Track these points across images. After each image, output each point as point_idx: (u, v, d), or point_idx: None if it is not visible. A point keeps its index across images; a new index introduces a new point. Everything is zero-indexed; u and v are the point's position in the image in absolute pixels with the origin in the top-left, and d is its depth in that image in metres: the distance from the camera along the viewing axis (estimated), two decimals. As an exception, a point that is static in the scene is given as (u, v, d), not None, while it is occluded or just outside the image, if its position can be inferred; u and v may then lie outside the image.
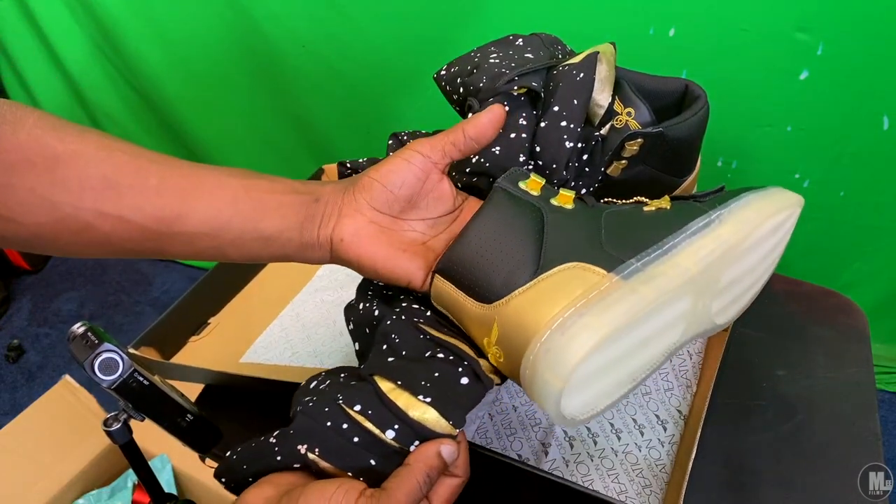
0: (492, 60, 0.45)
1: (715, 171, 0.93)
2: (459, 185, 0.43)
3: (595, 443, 0.48)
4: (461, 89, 0.46)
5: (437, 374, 0.34)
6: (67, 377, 0.95)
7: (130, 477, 0.90)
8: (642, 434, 0.49)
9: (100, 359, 0.38)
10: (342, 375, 0.37)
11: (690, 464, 0.40)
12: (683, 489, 0.39)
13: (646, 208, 0.38)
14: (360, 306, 0.41)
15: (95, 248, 0.34)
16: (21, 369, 1.43)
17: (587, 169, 0.44)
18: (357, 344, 0.41)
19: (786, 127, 0.86)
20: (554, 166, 0.41)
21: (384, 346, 0.37)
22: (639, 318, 0.31)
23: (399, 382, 0.33)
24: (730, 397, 0.50)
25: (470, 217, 0.37)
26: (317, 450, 0.32)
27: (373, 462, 0.32)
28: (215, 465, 0.52)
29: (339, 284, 0.67)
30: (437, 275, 0.36)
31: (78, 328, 0.40)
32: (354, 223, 0.37)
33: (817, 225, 0.96)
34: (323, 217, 0.37)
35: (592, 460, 0.47)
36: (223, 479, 0.36)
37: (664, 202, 0.38)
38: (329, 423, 0.33)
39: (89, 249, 0.34)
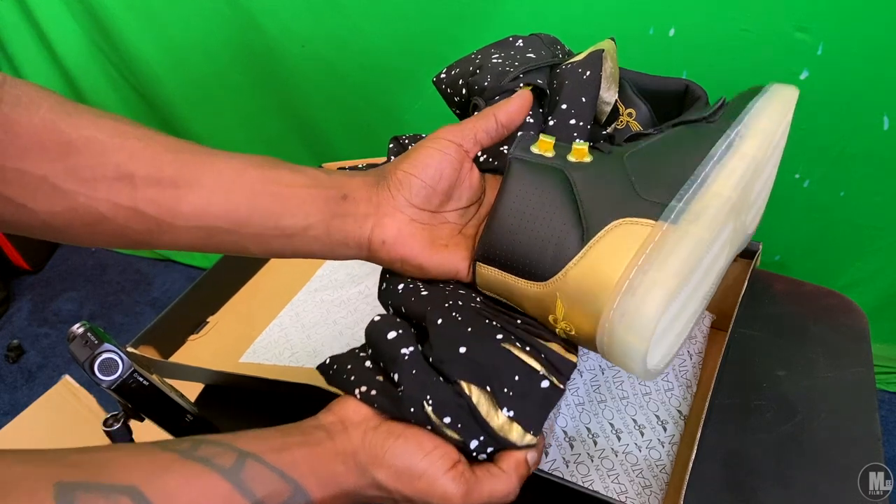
0: (494, 60, 0.45)
1: (715, 171, 0.93)
2: None
3: (595, 443, 0.48)
4: (464, 90, 0.46)
5: (517, 378, 0.33)
6: (67, 377, 0.95)
7: (130, 477, 0.90)
8: (642, 434, 0.49)
9: (100, 359, 0.38)
10: (408, 353, 0.34)
11: (690, 464, 0.40)
12: (683, 489, 0.39)
13: (661, 135, 0.38)
14: (400, 287, 0.38)
15: (109, 239, 0.33)
16: (21, 369, 1.43)
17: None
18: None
19: (786, 127, 0.86)
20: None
21: (445, 327, 0.34)
22: (698, 257, 0.31)
23: (487, 388, 0.33)
24: (730, 397, 0.50)
25: (493, 196, 0.36)
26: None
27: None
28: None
29: (339, 284, 0.66)
30: (479, 262, 0.36)
31: (78, 328, 0.40)
32: (395, 224, 0.35)
33: (817, 225, 0.96)
34: (356, 217, 0.35)
35: (592, 461, 0.47)
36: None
37: (668, 128, 0.39)
38: (413, 420, 0.33)
39: (103, 240, 0.33)
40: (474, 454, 0.33)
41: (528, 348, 0.34)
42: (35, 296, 1.61)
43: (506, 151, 0.41)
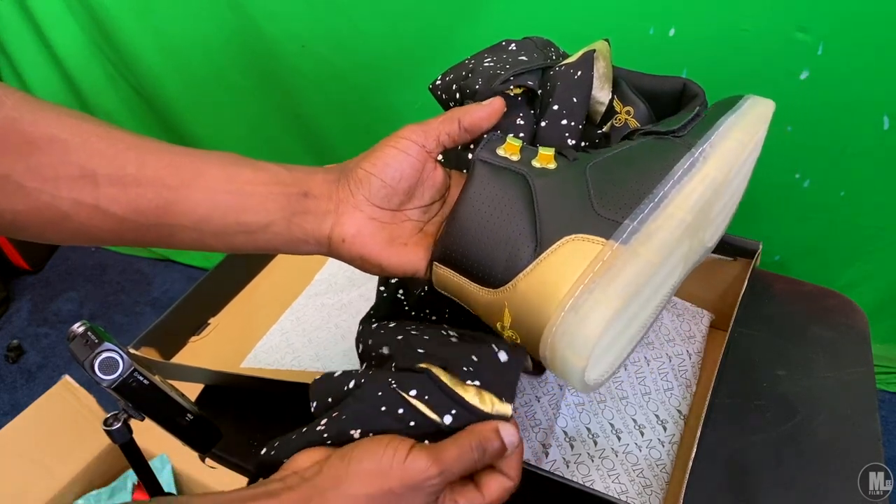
0: (486, 64, 0.45)
1: (715, 171, 0.93)
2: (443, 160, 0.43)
3: (595, 443, 0.48)
4: (457, 94, 0.46)
5: (474, 358, 0.34)
6: (67, 377, 0.95)
7: (130, 477, 0.90)
8: (642, 434, 0.49)
9: (100, 358, 0.38)
10: (370, 370, 0.37)
11: (690, 464, 0.40)
12: (683, 489, 0.39)
13: (624, 147, 0.38)
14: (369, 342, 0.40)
15: (73, 236, 0.33)
16: (21, 369, 1.43)
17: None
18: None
19: (786, 127, 0.86)
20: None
21: (407, 345, 0.36)
22: (645, 279, 0.32)
23: (446, 368, 0.33)
24: (730, 397, 0.50)
25: (457, 193, 0.36)
26: (371, 434, 0.32)
27: (427, 443, 0.32)
28: (215, 465, 0.52)
29: (339, 288, 0.66)
30: (435, 263, 0.36)
31: (78, 328, 0.40)
32: (354, 222, 0.36)
33: (817, 225, 0.96)
34: (316, 214, 0.35)
35: (593, 461, 0.47)
36: (262, 477, 0.34)
37: (639, 137, 0.38)
38: (384, 408, 0.33)
39: (68, 238, 0.33)
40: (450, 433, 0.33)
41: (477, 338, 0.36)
42: (35, 296, 1.61)
43: (471, 150, 0.41)
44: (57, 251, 1.73)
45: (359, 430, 0.32)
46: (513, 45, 0.49)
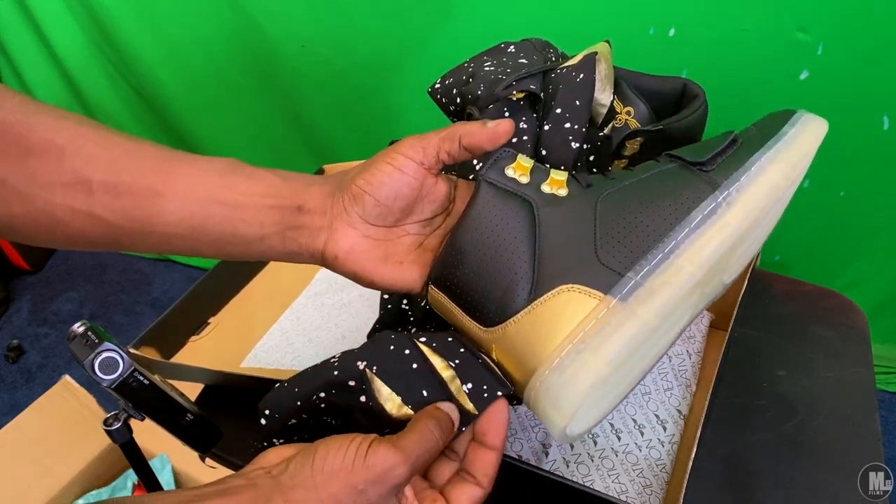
0: (487, 68, 0.45)
1: (715, 171, 0.93)
2: (454, 171, 0.42)
3: (595, 443, 0.48)
4: (458, 99, 0.46)
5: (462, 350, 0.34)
6: (67, 377, 0.95)
7: (130, 477, 0.90)
8: (642, 434, 0.49)
9: (100, 358, 0.38)
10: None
11: (690, 463, 0.40)
12: (683, 489, 0.39)
13: (643, 175, 0.35)
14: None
15: (69, 242, 0.33)
16: (21, 369, 1.43)
17: (594, 170, 0.44)
18: None
19: (786, 127, 0.86)
20: (562, 168, 0.41)
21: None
22: (640, 342, 0.30)
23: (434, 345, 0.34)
24: (730, 397, 0.50)
25: (461, 206, 0.35)
26: (375, 367, 0.33)
27: (425, 393, 0.32)
28: (215, 465, 0.52)
29: (339, 287, 0.66)
30: (431, 285, 0.35)
31: (78, 327, 0.40)
32: (348, 240, 0.35)
33: (817, 225, 0.96)
34: (311, 230, 0.35)
35: (593, 460, 0.47)
36: (267, 411, 0.35)
37: (664, 161, 0.35)
38: (392, 347, 0.34)
39: (63, 243, 0.33)
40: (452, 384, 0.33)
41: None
42: (35, 296, 1.61)
43: (478, 164, 0.40)
44: (57, 251, 1.73)
45: (365, 363, 0.33)
46: (511, 47, 0.49)
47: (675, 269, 0.31)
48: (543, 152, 0.42)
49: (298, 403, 0.35)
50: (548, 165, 0.37)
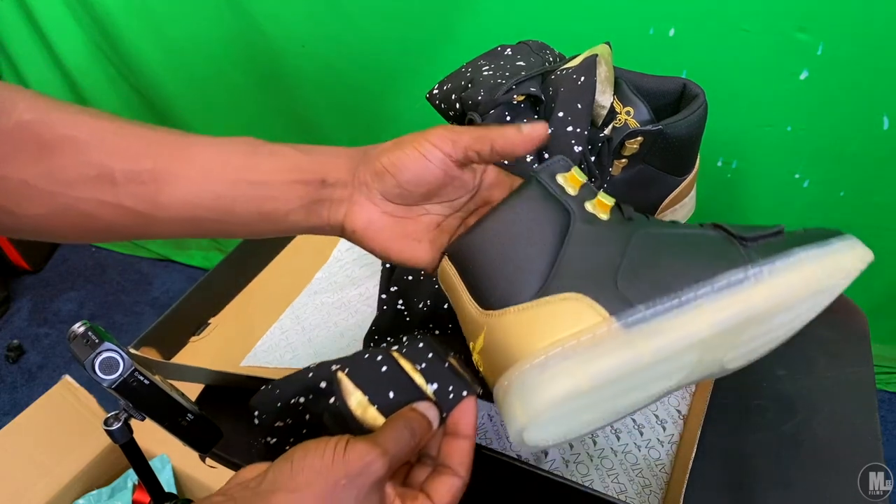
0: (485, 73, 0.45)
1: (715, 170, 0.93)
2: None
3: (594, 443, 0.48)
4: (458, 105, 0.46)
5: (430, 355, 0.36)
6: (67, 377, 0.95)
7: (130, 477, 0.90)
8: (641, 434, 0.49)
9: (100, 358, 0.38)
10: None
11: (690, 463, 0.40)
12: (683, 489, 0.39)
13: (685, 230, 0.35)
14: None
15: (99, 235, 0.33)
16: (21, 369, 1.43)
17: (597, 171, 0.44)
18: None
19: (786, 127, 0.86)
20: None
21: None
22: (628, 372, 0.30)
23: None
24: (730, 397, 0.50)
25: (487, 192, 0.36)
26: (347, 370, 0.35)
27: (391, 394, 0.34)
28: (215, 465, 0.52)
29: (339, 286, 0.67)
30: (445, 256, 0.35)
31: (78, 328, 0.40)
32: (366, 214, 0.35)
33: (817, 225, 0.95)
34: (332, 202, 0.35)
35: (592, 460, 0.47)
36: (256, 411, 0.37)
37: (709, 227, 0.35)
38: (367, 356, 0.36)
39: (93, 237, 0.33)
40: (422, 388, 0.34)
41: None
42: (35, 296, 1.61)
43: (534, 166, 0.40)
44: (57, 251, 1.73)
45: (338, 366, 0.35)
46: (508, 49, 0.49)
47: (685, 321, 0.30)
48: (546, 156, 0.42)
49: (279, 405, 0.36)
50: (598, 190, 0.37)
